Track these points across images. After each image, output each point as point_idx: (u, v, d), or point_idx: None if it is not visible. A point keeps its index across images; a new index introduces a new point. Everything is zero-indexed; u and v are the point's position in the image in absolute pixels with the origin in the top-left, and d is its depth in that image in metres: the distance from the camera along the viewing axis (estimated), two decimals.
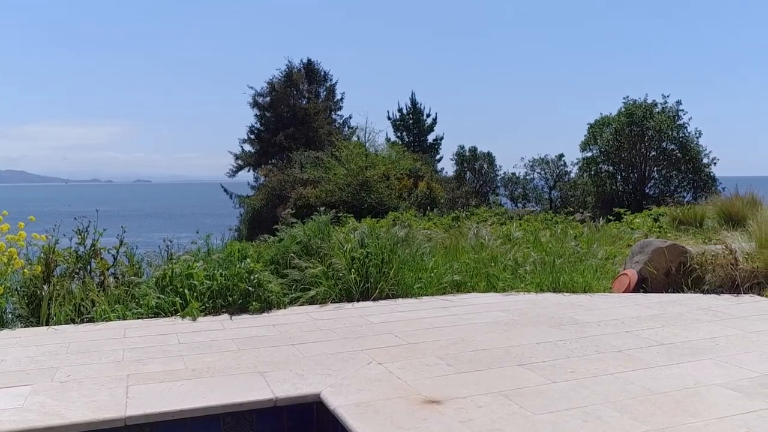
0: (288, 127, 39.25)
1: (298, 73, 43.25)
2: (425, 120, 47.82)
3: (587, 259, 8.67)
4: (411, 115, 47.80)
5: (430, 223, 12.36)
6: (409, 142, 46.69)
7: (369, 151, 32.31)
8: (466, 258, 8.42)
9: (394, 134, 46.80)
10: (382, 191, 28.69)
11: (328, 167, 30.40)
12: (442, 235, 9.62)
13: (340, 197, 28.67)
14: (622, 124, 27.11)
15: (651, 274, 7.56)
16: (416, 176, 31.43)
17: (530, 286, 7.76)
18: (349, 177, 29.10)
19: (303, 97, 43.75)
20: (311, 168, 31.00)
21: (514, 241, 9.57)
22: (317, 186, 29.84)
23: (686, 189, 27.36)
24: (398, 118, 47.67)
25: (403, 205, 28.10)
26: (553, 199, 32.32)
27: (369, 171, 29.15)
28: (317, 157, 32.71)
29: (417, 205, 28.85)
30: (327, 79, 46.54)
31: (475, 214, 20.34)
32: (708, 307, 6.53)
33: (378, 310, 6.74)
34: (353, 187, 28.98)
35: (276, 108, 40.35)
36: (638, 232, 12.16)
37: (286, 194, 32.14)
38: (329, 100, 46.11)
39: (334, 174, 29.65)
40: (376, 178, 28.92)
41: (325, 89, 46.63)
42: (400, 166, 30.42)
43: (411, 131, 47.60)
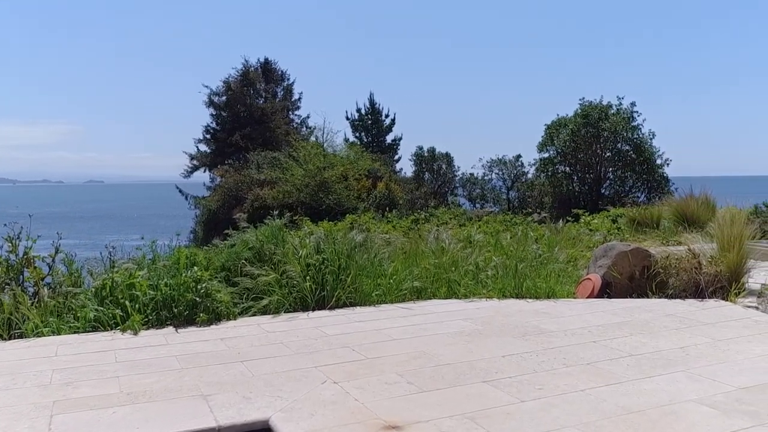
0: (245, 126, 38.45)
1: (255, 73, 42.47)
2: (384, 120, 47.49)
3: (549, 263, 8.44)
4: (369, 116, 47.41)
5: (389, 227, 12.03)
6: (368, 142, 46.31)
7: (327, 152, 31.87)
8: (426, 263, 8.10)
9: (353, 134, 46.38)
10: (341, 192, 28.28)
11: (285, 168, 29.86)
12: (402, 239, 9.28)
13: (298, 198, 28.16)
14: (578, 125, 27.23)
15: (615, 279, 7.35)
16: (375, 177, 31.09)
17: (493, 292, 7.48)
18: (307, 178, 28.61)
19: (260, 96, 42.98)
20: (268, 168, 30.40)
21: (475, 244, 9.30)
22: (274, 187, 29.26)
23: (640, 189, 27.61)
24: (357, 118, 47.24)
25: (362, 206, 27.76)
26: (511, 200, 32.32)
27: (327, 171, 28.71)
28: (274, 157, 32.11)
29: (376, 206, 28.53)
30: (284, 79, 45.84)
31: (434, 216, 20.11)
32: (674, 313, 6.33)
33: (334, 320, 6.36)
34: (311, 188, 28.48)
35: (232, 107, 39.50)
36: (598, 234, 12.04)
37: (243, 195, 31.45)
38: (287, 99, 45.43)
39: (291, 175, 29.12)
40: (335, 178, 28.50)
41: (283, 89, 45.93)
42: (358, 166, 30.04)
43: (370, 132, 47.22)
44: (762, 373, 4.50)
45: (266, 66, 44.25)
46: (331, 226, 10.61)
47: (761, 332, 5.57)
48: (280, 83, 45.67)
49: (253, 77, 41.36)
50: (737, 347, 5.11)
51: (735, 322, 5.92)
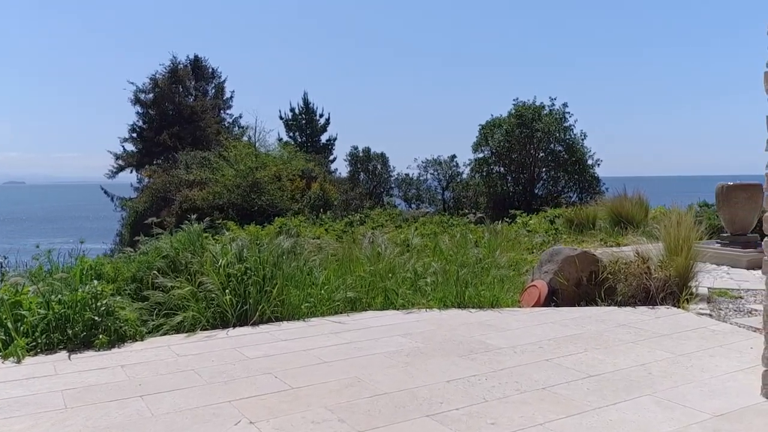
0: (173, 125, 36.85)
1: (184, 70, 40.83)
2: (318, 120, 46.61)
3: (491, 268, 7.89)
4: (304, 115, 46.44)
5: (320, 230, 11.29)
6: (302, 142, 45.33)
7: (259, 152, 30.83)
8: (360, 270, 7.41)
9: (287, 134, 45.32)
10: (274, 193, 27.34)
11: (215, 168, 28.67)
12: (334, 244, 8.56)
13: (229, 199, 27.07)
14: (512, 126, 27.11)
15: (562, 286, 6.85)
16: (309, 177, 30.25)
17: (433, 302, 6.85)
18: (238, 178, 27.52)
19: (189, 94, 41.39)
20: (197, 169, 29.10)
21: (413, 248, 8.67)
22: (204, 188, 28.03)
23: (573, 189, 27.74)
24: (290, 118, 46.20)
25: (296, 207, 26.92)
26: (446, 200, 32.01)
27: (259, 172, 27.71)
28: (204, 157, 30.83)
29: (310, 206, 27.71)
30: (215, 77, 44.36)
31: (370, 218, 19.47)
32: (627, 323, 5.84)
33: (257, 338, 5.59)
34: (243, 189, 27.41)
35: (160, 105, 37.81)
36: (538, 236, 11.63)
37: (171, 197, 30.05)
38: (218, 98, 43.95)
39: (222, 175, 27.96)
40: (267, 179, 27.53)
41: (214, 87, 44.43)
42: (292, 166, 29.15)
43: (304, 131, 46.26)
44: (734, 395, 4.00)
45: (196, 63, 42.69)
46: (258, 231, 9.81)
47: (721, 344, 5.12)
48: (210, 81, 44.19)
49: (182, 74, 39.76)
50: (701, 363, 4.63)
51: (692, 333, 5.47)
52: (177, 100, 38.59)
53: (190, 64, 42.12)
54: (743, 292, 7.30)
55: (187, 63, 41.73)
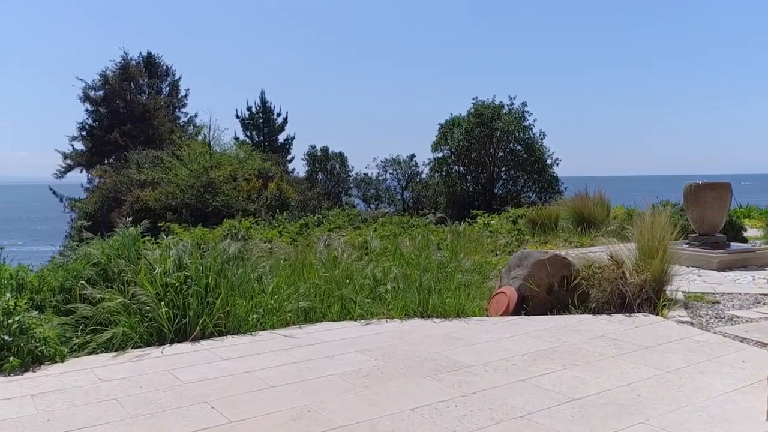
0: (124, 123, 35.49)
1: (137, 67, 39.44)
2: (276, 119, 45.69)
3: (456, 273, 7.33)
4: (261, 114, 45.47)
5: (273, 233, 10.58)
6: (259, 141, 44.38)
7: (214, 151, 29.82)
8: (315, 277, 6.77)
9: (243, 133, 44.31)
10: (229, 193, 26.46)
11: (168, 168, 27.60)
12: (287, 248, 7.89)
13: (182, 200, 26.08)
14: (471, 125, 26.73)
15: (532, 292, 6.33)
16: (266, 177, 29.41)
17: (394, 312, 6.25)
18: (191, 178, 26.53)
19: (142, 92, 40.01)
20: (149, 168, 27.97)
21: (372, 252, 8.06)
22: (157, 188, 26.95)
23: (532, 189, 27.52)
24: (247, 117, 45.19)
25: (252, 208, 26.10)
26: (406, 200, 31.50)
27: (214, 171, 26.77)
28: (157, 156, 29.70)
29: (267, 207, 26.90)
30: (170, 74, 43.08)
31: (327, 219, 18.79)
32: (605, 333, 5.34)
33: (195, 358, 4.90)
34: (197, 189, 26.45)
35: (110, 103, 36.37)
36: (502, 238, 11.15)
37: (122, 197, 28.87)
38: (173, 96, 42.68)
39: (175, 175, 26.91)
40: (222, 179, 26.62)
41: (168, 85, 43.13)
42: (247, 166, 28.26)
43: (261, 131, 45.29)
44: (737, 422, 3.50)
45: (149, 60, 41.37)
46: (205, 233, 9.08)
47: (709, 358, 4.65)
48: (164, 79, 42.90)
49: (134, 71, 38.38)
50: (693, 382, 4.13)
51: (676, 345, 4.98)
52: (129, 97, 37.23)
53: (143, 61, 40.78)
54: (719, 296, 6.89)
55: (140, 60, 40.39)
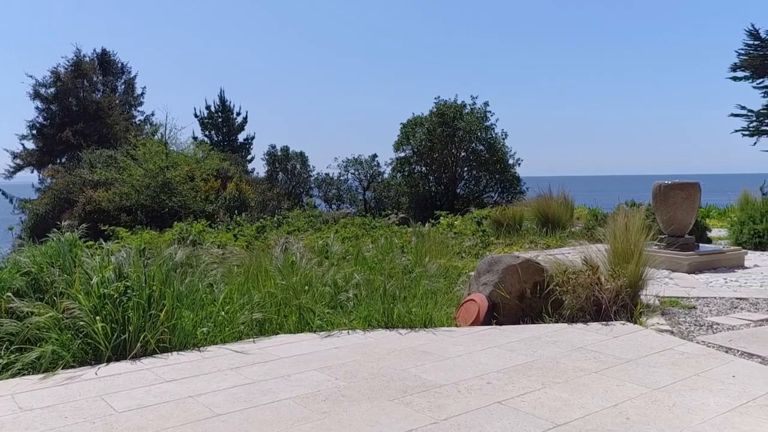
0: (77, 122, 34.17)
1: (90, 64, 38.09)
2: (235, 119, 44.75)
3: (422, 279, 6.89)
4: (220, 113, 44.48)
5: (228, 236, 9.96)
6: (218, 141, 43.42)
7: (171, 150, 28.91)
8: (271, 285, 6.25)
9: (202, 133, 43.28)
10: (186, 193, 25.61)
11: (122, 167, 26.62)
12: (242, 253, 7.33)
13: (137, 200, 25.16)
14: (433, 125, 26.38)
15: (503, 299, 5.91)
16: (225, 177, 28.63)
17: (356, 322, 5.77)
18: (147, 178, 25.61)
19: (96, 90, 38.69)
20: (102, 168, 26.94)
21: (332, 256, 7.57)
22: (110, 188, 25.96)
23: (494, 189, 27.31)
24: (206, 116, 44.15)
25: (211, 208, 25.34)
26: (368, 200, 30.99)
27: (170, 171, 25.89)
28: (111, 156, 28.65)
29: (226, 208, 26.15)
30: (125, 72, 41.83)
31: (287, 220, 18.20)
32: (584, 345, 4.94)
33: (133, 380, 4.34)
34: (152, 189, 25.54)
35: (62, 100, 34.97)
36: (468, 240, 10.76)
37: (75, 198, 27.76)
38: (128, 94, 41.44)
39: (129, 175, 25.95)
40: (179, 179, 25.76)
41: (124, 83, 41.88)
42: (205, 165, 27.43)
43: (220, 130, 44.32)
44: None
45: (104, 57, 40.02)
46: (155, 237, 8.45)
47: (697, 372, 4.29)
48: (120, 76, 41.61)
49: (88, 68, 37.03)
50: (684, 402, 3.74)
51: (659, 357, 4.62)
52: (82, 95, 35.91)
53: (97, 57, 39.43)
54: (694, 300, 6.60)
55: (94, 57, 39.04)
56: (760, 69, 41.92)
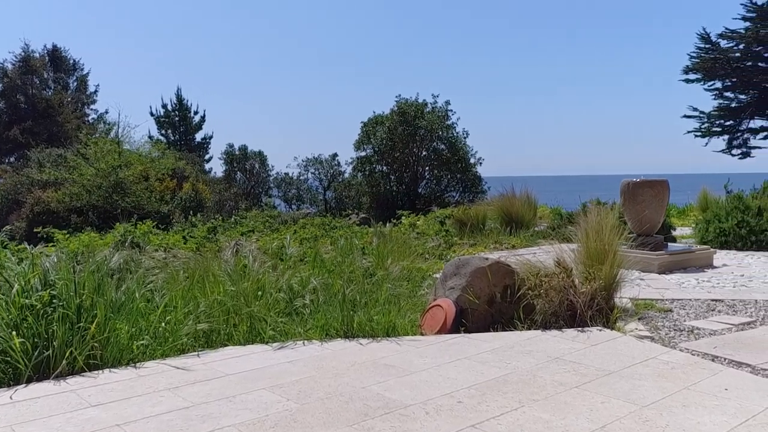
0: (25, 120, 32.77)
1: (40, 60, 36.64)
2: (193, 117, 43.66)
3: (384, 282, 6.39)
4: (177, 112, 43.33)
5: (176, 238, 9.27)
6: (175, 140, 42.30)
7: (124, 149, 27.88)
8: (219, 291, 5.67)
9: (158, 132, 42.11)
10: (140, 194, 24.67)
11: (73, 167, 25.53)
12: (188, 256, 6.73)
13: (88, 201, 24.13)
14: (395, 123, 25.93)
15: (472, 304, 5.46)
16: (181, 177, 27.73)
17: (313, 332, 5.25)
18: (98, 178, 24.59)
19: (47, 87, 37.25)
20: (51, 168, 25.79)
21: (288, 259, 7.03)
22: (60, 189, 24.85)
23: (455, 188, 26.99)
24: (162, 114, 42.97)
25: (166, 209, 24.47)
26: (328, 200, 30.38)
27: (123, 171, 24.91)
28: (60, 155, 27.49)
29: (182, 208, 25.30)
30: (77, 69, 40.40)
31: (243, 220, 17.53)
32: (561, 355, 4.51)
33: (53, 405, 3.74)
34: (104, 190, 24.53)
35: (9, 97, 33.50)
36: (431, 240, 10.31)
37: (23, 199, 26.52)
38: (81, 92, 40.03)
39: (80, 174, 24.89)
40: (133, 178, 24.80)
41: (76, 80, 40.45)
42: (160, 165, 26.48)
43: (177, 129, 43.18)
44: None
45: (55, 53, 38.55)
46: (94, 240, 7.77)
47: (686, 385, 3.89)
48: (72, 73, 40.16)
49: (37, 65, 35.60)
50: (677, 421, 3.33)
51: (643, 368, 4.21)
52: (30, 92, 34.49)
53: (48, 54, 37.96)
54: (669, 302, 6.26)
55: (44, 52, 37.57)
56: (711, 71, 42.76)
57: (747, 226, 9.70)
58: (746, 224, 9.72)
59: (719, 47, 41.02)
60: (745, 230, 9.69)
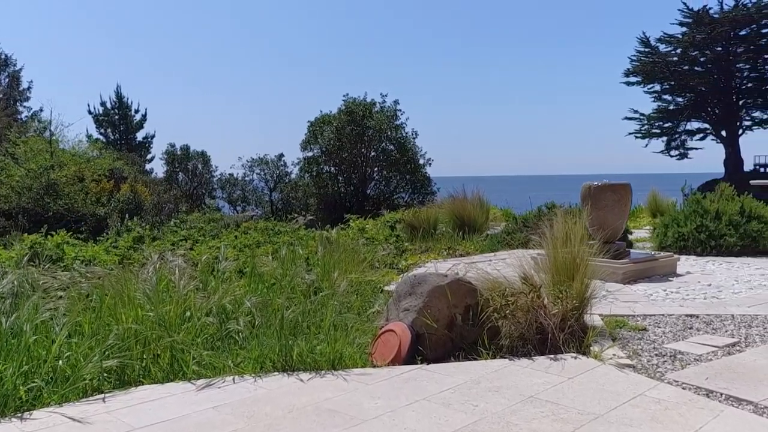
0: None
1: None
2: (134, 116, 41.87)
3: (330, 302, 5.60)
4: (117, 110, 41.48)
5: (97, 249, 8.21)
6: (115, 139, 40.48)
7: (58, 149, 26.26)
8: (134, 317, 4.79)
9: (97, 131, 40.19)
10: (74, 196, 23.18)
11: (1, 167, 23.86)
12: (104, 272, 5.78)
13: (18, 203, 22.53)
14: (342, 123, 25.11)
15: (429, 329, 4.73)
16: (119, 178, 26.26)
17: (246, 365, 4.43)
18: (29, 179, 23.00)
19: None
20: None
21: (219, 275, 6.16)
22: None
23: (404, 190, 26.37)
24: (101, 112, 41.04)
25: (102, 212, 23.05)
26: (275, 202, 29.31)
27: (56, 172, 23.39)
28: None
29: (119, 211, 23.87)
30: (9, 64, 38.18)
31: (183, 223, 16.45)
32: (535, 393, 3.82)
33: None
34: (35, 191, 22.96)
35: None
36: (382, 249, 9.57)
37: None
38: (12, 88, 37.83)
39: (8, 176, 23.24)
40: (66, 179, 23.30)
41: (8, 76, 38.22)
42: (96, 165, 25.02)
43: (117, 128, 41.33)
44: None
45: None
46: None
47: (685, 429, 3.25)
48: (2, 69, 37.93)
49: None
50: None
51: (632, 409, 3.56)
52: None
53: None
54: (641, 319, 5.69)
55: None
56: (650, 75, 43.49)
57: (706, 231, 9.31)
58: (705, 228, 9.33)
59: (658, 51, 41.82)
60: (705, 235, 9.30)
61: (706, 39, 37.58)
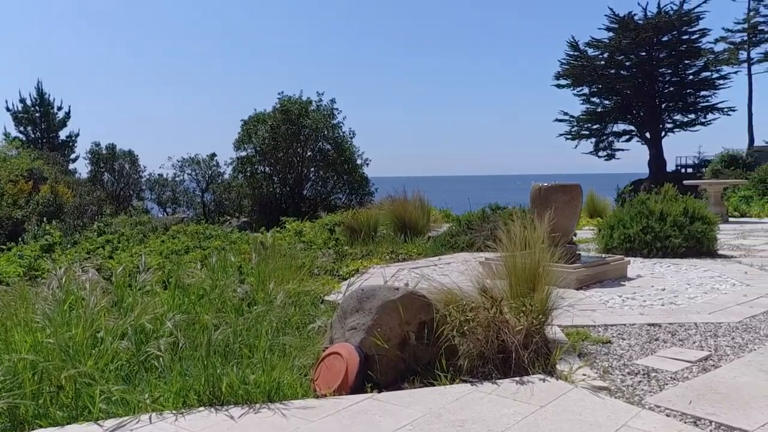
0: None
1: None
2: (56, 113, 39.63)
3: (266, 318, 4.93)
4: (38, 107, 39.16)
5: None
6: (36, 138, 38.21)
7: None
8: (33, 344, 4.00)
9: (16, 128, 37.82)
10: None
11: None
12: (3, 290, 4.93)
13: None
14: (278, 122, 24.22)
15: (379, 349, 4.14)
16: (39, 178, 24.57)
17: (165, 400, 3.73)
18: None
19: None
20: None
21: (138, 288, 5.39)
22: None
23: (342, 190, 25.71)
24: (20, 109, 38.64)
25: (20, 214, 21.46)
26: (207, 203, 28.07)
27: None
28: None
29: (38, 213, 22.27)
30: None
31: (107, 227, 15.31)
32: (505, 428, 3.29)
33: None
34: None
35: None
36: (321, 255, 8.92)
37: None
38: None
39: None
40: None
41: None
42: (12, 165, 23.31)
43: (38, 126, 39.01)
44: None
45: None
46: None
47: None
48: None
49: None
50: None
51: None
52: None
53: None
54: (602, 329, 5.28)
55: None
56: (579, 78, 44.37)
57: (652, 232, 9.11)
58: (651, 230, 9.12)
59: (587, 55, 42.71)
60: (651, 236, 9.09)
61: (631, 44, 38.61)
